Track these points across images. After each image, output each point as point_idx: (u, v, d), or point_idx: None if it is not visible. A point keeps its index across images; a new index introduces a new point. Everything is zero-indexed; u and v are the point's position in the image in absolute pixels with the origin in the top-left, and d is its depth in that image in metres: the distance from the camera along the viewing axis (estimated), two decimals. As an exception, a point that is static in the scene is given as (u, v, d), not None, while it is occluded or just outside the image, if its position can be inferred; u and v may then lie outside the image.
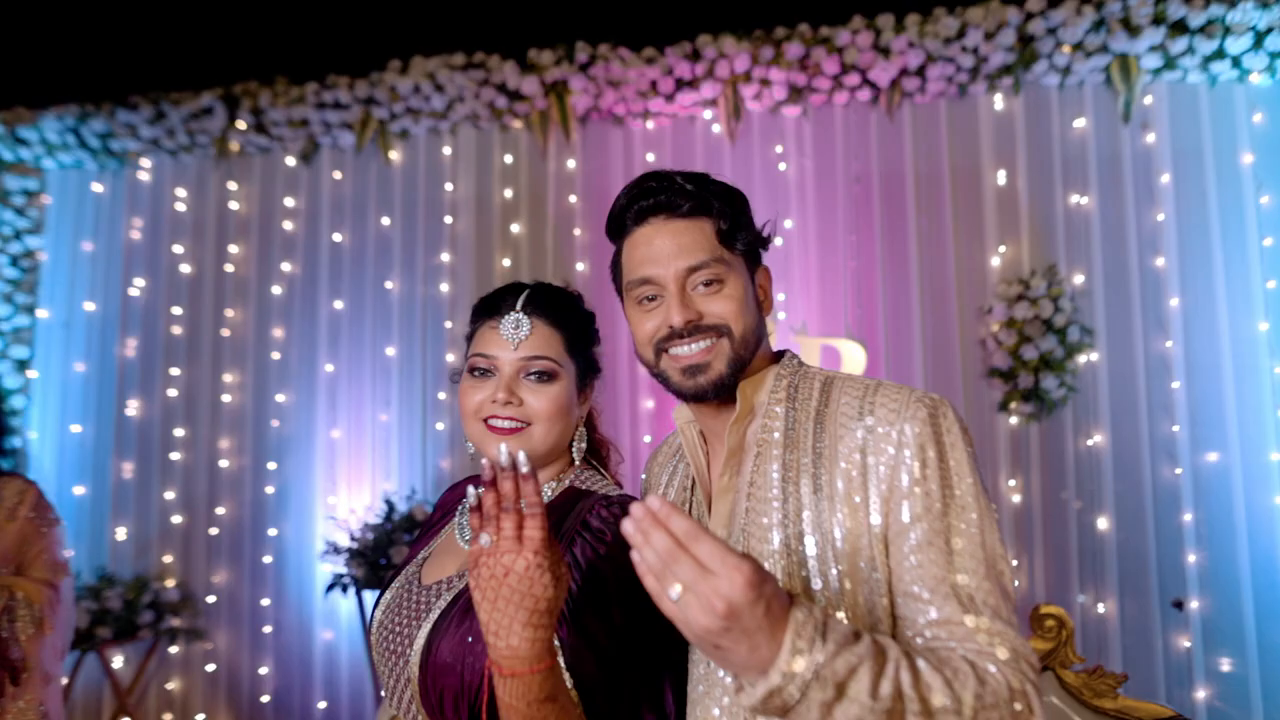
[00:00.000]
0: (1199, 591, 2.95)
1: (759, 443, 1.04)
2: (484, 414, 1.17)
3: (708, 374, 1.04)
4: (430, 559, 1.23)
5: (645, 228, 1.08)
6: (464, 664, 1.04)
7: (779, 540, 0.97)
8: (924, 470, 0.92)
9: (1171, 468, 3.02)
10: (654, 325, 1.07)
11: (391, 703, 1.15)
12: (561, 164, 3.65)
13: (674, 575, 0.77)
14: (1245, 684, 2.88)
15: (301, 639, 3.70)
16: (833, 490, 0.96)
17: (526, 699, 0.91)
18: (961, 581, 0.90)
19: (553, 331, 1.19)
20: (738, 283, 1.06)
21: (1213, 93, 3.15)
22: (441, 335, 3.68)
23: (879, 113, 3.38)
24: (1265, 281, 3.02)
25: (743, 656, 0.79)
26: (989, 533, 0.93)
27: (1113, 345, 3.11)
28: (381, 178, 3.81)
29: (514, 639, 0.90)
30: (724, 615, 0.76)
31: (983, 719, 0.83)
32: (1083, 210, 3.21)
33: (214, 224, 3.97)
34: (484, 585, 0.90)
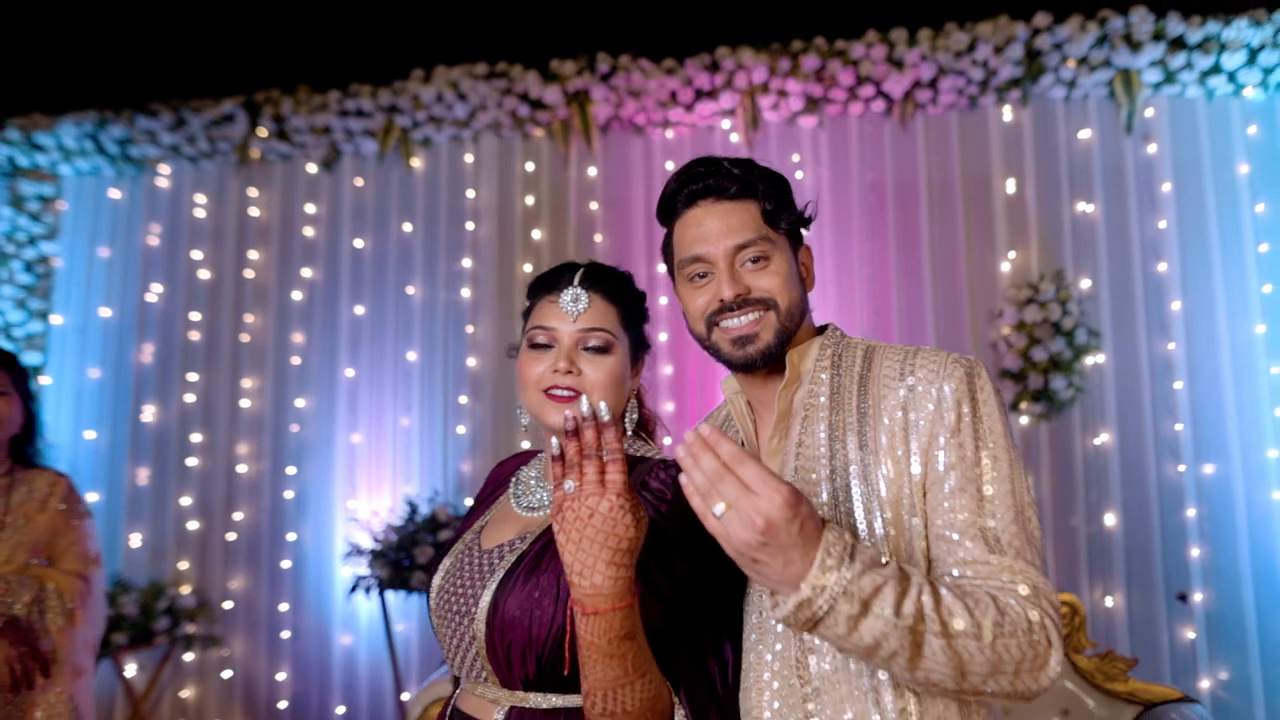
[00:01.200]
0: (1202, 584, 3.22)
1: (806, 406, 1.17)
2: (544, 384, 1.27)
3: (756, 344, 1.16)
4: (487, 527, 1.35)
5: (695, 210, 1.21)
6: (532, 617, 1.14)
7: (827, 493, 1.10)
8: (959, 424, 1.05)
9: (1175, 465, 3.29)
10: (705, 300, 1.19)
11: (454, 664, 1.26)
12: (583, 171, 3.89)
13: (719, 494, 0.90)
14: (1246, 674, 3.14)
15: (320, 644, 3.88)
16: (877, 445, 1.08)
17: (608, 636, 1.01)
18: (989, 525, 1.02)
19: (608, 306, 1.30)
20: (783, 259, 1.19)
21: (1210, 106, 3.45)
22: (463, 340, 3.90)
23: (892, 123, 3.65)
24: (1261, 286, 3.31)
25: (778, 571, 0.92)
26: (1018, 482, 1.05)
27: (1118, 347, 3.38)
28: (403, 184, 4.05)
29: (598, 577, 0.99)
30: (762, 530, 0.88)
31: (1001, 645, 0.93)
32: (1088, 218, 3.49)
33: (234, 230, 4.19)
34: (569, 528, 1.00)
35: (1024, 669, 0.94)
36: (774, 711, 1.04)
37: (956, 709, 1.02)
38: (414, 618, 3.76)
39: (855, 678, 1.01)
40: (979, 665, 0.93)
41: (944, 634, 0.92)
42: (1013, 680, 0.95)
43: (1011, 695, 0.96)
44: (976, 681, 0.94)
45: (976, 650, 0.92)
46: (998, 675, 0.94)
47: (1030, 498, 1.05)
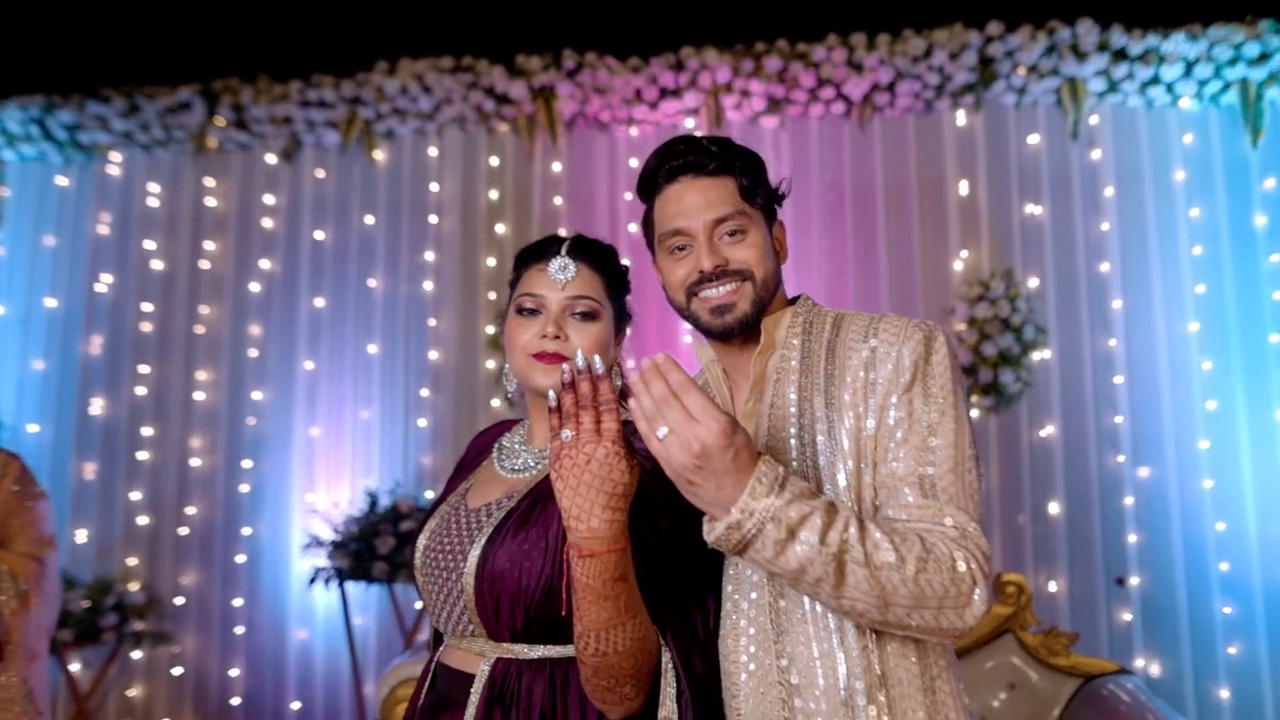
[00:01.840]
0: (1139, 569, 3.45)
1: (778, 370, 1.26)
2: (531, 349, 1.34)
3: (734, 313, 1.25)
4: (472, 490, 1.42)
5: (676, 185, 1.28)
6: (521, 569, 1.22)
7: (795, 448, 1.19)
8: (912, 383, 1.14)
9: (1114, 456, 3.53)
10: (685, 271, 1.27)
11: (440, 620, 1.33)
12: (547, 167, 4.01)
13: (664, 419, 1.00)
14: (1177, 653, 3.38)
15: (275, 639, 3.92)
16: (841, 403, 1.17)
17: (603, 577, 1.08)
18: (928, 473, 1.10)
19: (594, 275, 1.39)
20: (758, 233, 1.28)
21: (1150, 115, 3.70)
22: (425, 333, 3.98)
23: (851, 125, 3.84)
24: (1195, 286, 3.57)
25: (710, 494, 1.01)
26: (961, 437, 1.13)
27: (1063, 343, 3.61)
28: (366, 177, 4.11)
29: (594, 520, 1.06)
30: (698, 455, 0.98)
31: (924, 580, 1.01)
32: (1036, 219, 3.71)
33: (189, 220, 4.20)
34: (566, 475, 1.07)
35: (947, 605, 1.03)
36: (750, 655, 1.15)
37: (914, 645, 1.12)
38: (372, 610, 3.82)
39: (821, 619, 1.12)
40: (902, 597, 1.01)
41: (867, 564, 1.00)
42: (936, 615, 1.03)
43: (936, 631, 1.04)
44: (900, 614, 1.02)
45: (900, 582, 1.00)
46: (921, 609, 1.02)
47: (973, 452, 1.14)
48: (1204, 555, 3.43)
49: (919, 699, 1.10)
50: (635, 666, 1.11)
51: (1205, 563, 3.42)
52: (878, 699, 1.08)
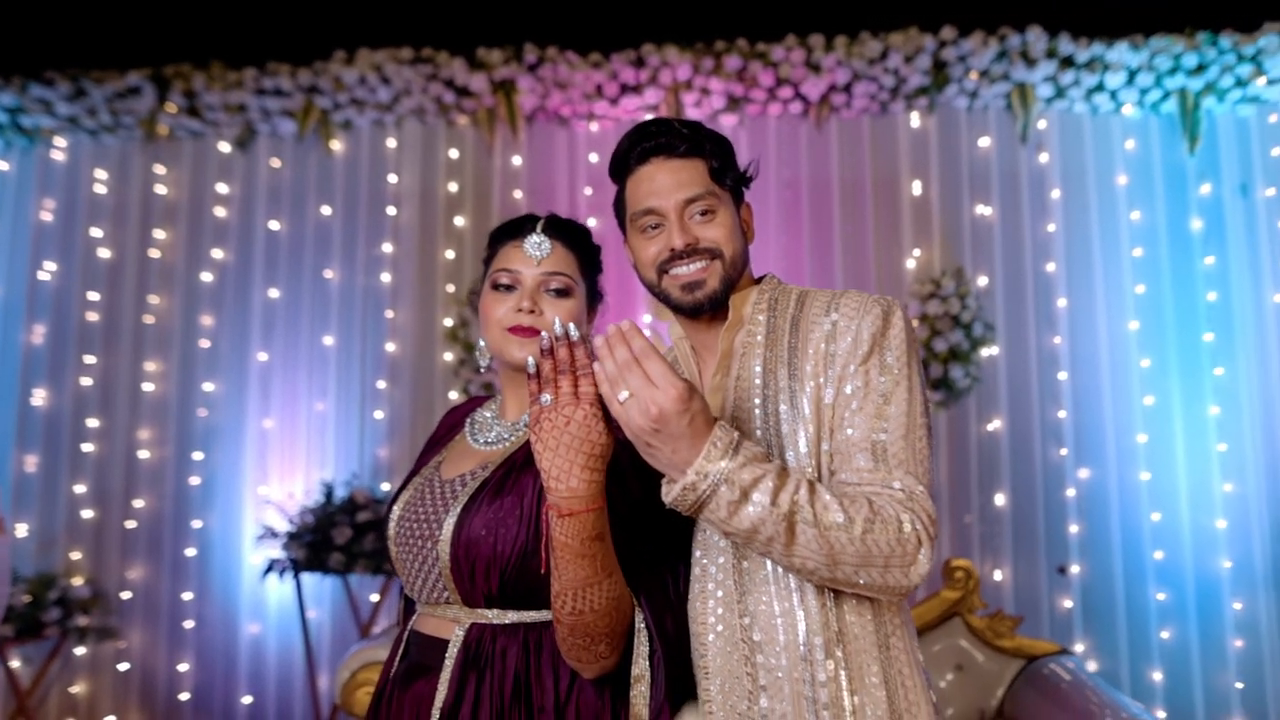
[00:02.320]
0: (1079, 558, 3.63)
1: (744, 345, 1.32)
2: (507, 323, 1.40)
3: (704, 289, 1.31)
4: (446, 461, 1.48)
5: (648, 166, 1.34)
6: (496, 535, 1.28)
7: (759, 418, 1.26)
8: (870, 355, 1.22)
9: (1058, 449, 3.70)
10: (656, 250, 1.33)
11: (414, 588, 1.39)
12: (507, 160, 4.06)
13: (625, 383, 1.06)
14: (1114, 638, 3.57)
15: (226, 633, 3.92)
16: (803, 374, 1.25)
17: (581, 536, 1.13)
18: (880, 439, 1.17)
19: (569, 253, 1.45)
20: (727, 213, 1.34)
21: (1094, 121, 3.89)
22: (382, 325, 4.01)
23: (809, 125, 3.96)
24: (1135, 286, 3.76)
25: (667, 456, 1.09)
26: (914, 406, 1.20)
27: (1010, 340, 3.77)
28: (322, 167, 4.12)
29: (573, 480, 1.12)
30: (655, 419, 1.05)
31: (870, 540, 1.08)
32: (986, 220, 3.87)
33: (138, 208, 4.17)
34: (546, 437, 1.12)
35: (894, 563, 1.10)
36: (718, 616, 1.23)
37: (869, 604, 1.20)
38: (327, 603, 3.84)
39: (783, 579, 1.20)
40: (849, 556, 1.08)
41: (816, 524, 1.07)
42: (883, 573, 1.10)
43: (884, 589, 1.12)
44: (848, 571, 1.09)
45: (847, 541, 1.07)
46: (868, 567, 1.09)
47: (924, 421, 1.21)
48: (1140, 544, 3.62)
49: (874, 654, 1.18)
50: (610, 625, 1.19)
51: (1141, 552, 3.61)
52: (835, 654, 1.17)
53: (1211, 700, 3.52)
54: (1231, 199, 3.77)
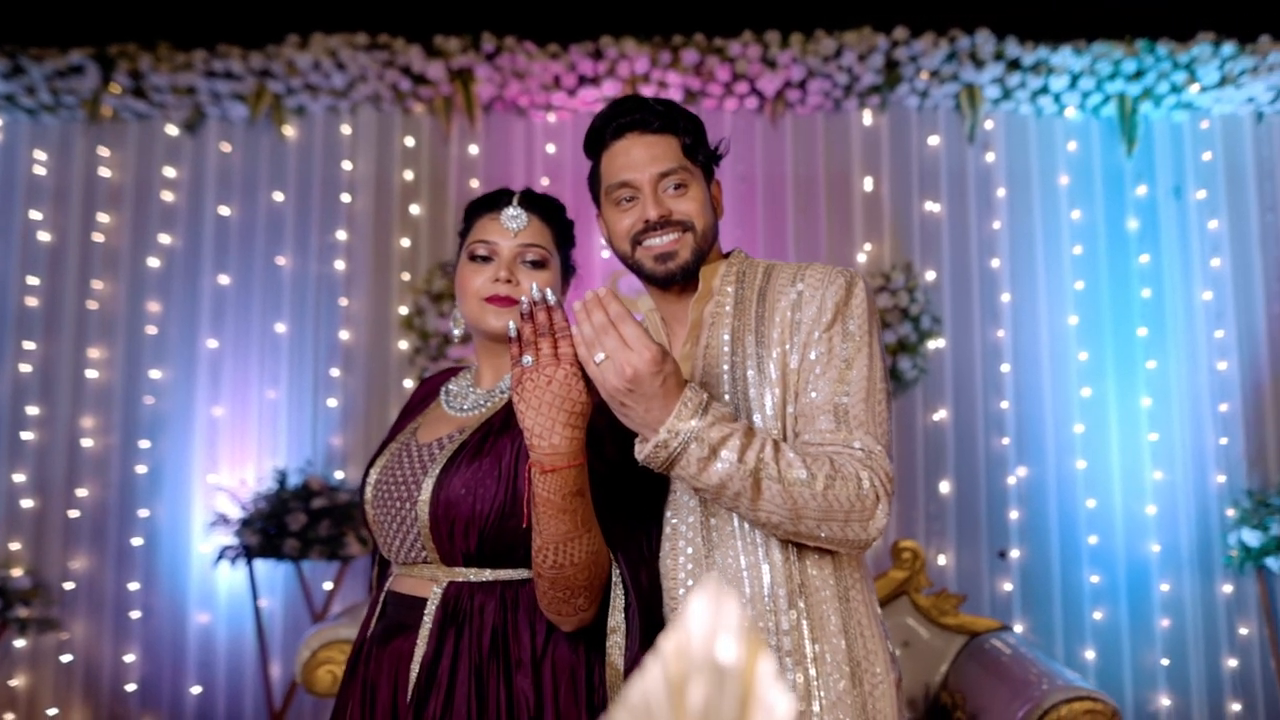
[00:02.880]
0: (1019, 543, 3.83)
1: (713, 315, 1.41)
2: (484, 293, 1.46)
3: (676, 260, 1.39)
4: (421, 428, 1.54)
5: (623, 141, 1.41)
6: (476, 495, 1.34)
7: (728, 383, 1.34)
8: (833, 322, 1.30)
9: (1000, 438, 3.89)
10: (630, 221, 1.40)
11: (392, 549, 1.45)
12: (464, 149, 4.11)
13: (601, 345, 1.14)
14: (1050, 619, 3.78)
15: (174, 623, 3.92)
16: (770, 340, 1.33)
17: (562, 492, 1.20)
18: (842, 402, 1.26)
19: (544, 226, 1.51)
20: (699, 188, 1.41)
21: (1038, 123, 4.08)
22: (336, 313, 4.04)
23: (764, 120, 4.09)
24: (1074, 283, 3.97)
25: (640, 416, 1.17)
26: (875, 372, 1.29)
27: (956, 333, 3.96)
28: (275, 152, 4.13)
29: (556, 438, 1.18)
30: (630, 379, 1.13)
31: (832, 495, 1.17)
32: (935, 216, 4.05)
33: (80, 191, 4.13)
34: (528, 396, 1.19)
35: (853, 518, 1.20)
36: (688, 572, 1.34)
37: (830, 558, 1.31)
38: (279, 591, 3.86)
39: (749, 534, 1.30)
40: (812, 510, 1.17)
41: (780, 480, 1.15)
42: (843, 527, 1.19)
43: (844, 542, 1.21)
44: (811, 525, 1.18)
45: (810, 497, 1.16)
46: (829, 521, 1.19)
47: (884, 386, 1.31)
48: (1076, 530, 3.83)
49: (834, 605, 1.30)
50: (589, 578, 1.28)
51: (1077, 536, 3.83)
52: (797, 604, 1.28)
53: (1139, 677, 3.76)
54: (1165, 200, 4.00)
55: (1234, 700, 3.72)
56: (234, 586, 3.88)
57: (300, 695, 3.76)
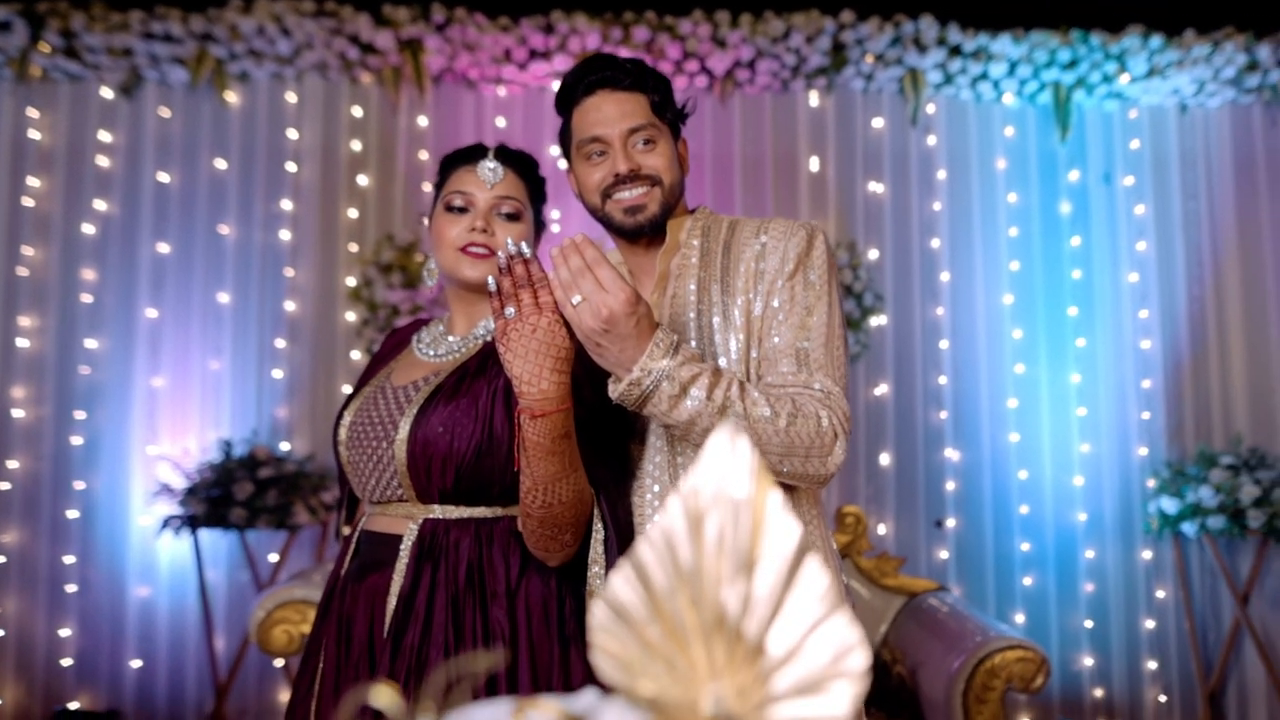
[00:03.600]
0: (955, 513, 4.04)
1: (680, 267, 1.51)
2: (460, 243, 1.54)
3: (644, 213, 1.48)
4: (395, 373, 1.61)
5: (594, 98, 1.49)
6: (454, 433, 1.42)
7: (694, 330, 1.45)
8: (795, 272, 1.41)
9: (938, 412, 4.10)
10: (601, 175, 1.48)
11: (367, 489, 1.52)
12: (413, 120, 4.15)
13: (577, 288, 1.23)
14: (983, 586, 4.00)
15: (113, 596, 3.90)
16: (734, 289, 1.44)
17: (552, 435, 1.28)
18: (803, 346, 1.38)
19: (519, 180, 1.59)
20: (667, 145, 1.50)
21: (978, 108, 4.28)
22: (281, 283, 4.04)
23: (713, 99, 4.20)
24: (1010, 263, 4.18)
25: (615, 355, 1.26)
26: (834, 319, 1.41)
27: (897, 310, 4.14)
28: (217, 119, 4.10)
29: (544, 383, 1.26)
30: (605, 320, 1.21)
31: (793, 432, 1.27)
32: (878, 197, 4.22)
33: (8, 153, 4.05)
34: (514, 345, 1.26)
35: (813, 454, 1.30)
36: (655, 509, 1.45)
37: (789, 494, 1.42)
38: (223, 563, 3.87)
39: None
40: (775, 446, 1.27)
41: (746, 417, 1.25)
42: (804, 462, 1.30)
43: (805, 476, 1.32)
44: (774, 460, 1.28)
45: (773, 433, 1.26)
46: (791, 456, 1.29)
47: (841, 332, 1.45)
48: (1008, 500, 4.06)
49: None
50: (575, 516, 1.39)
51: (1009, 506, 4.06)
52: None
53: (1065, 638, 4.01)
54: (1096, 186, 4.24)
55: (1150, 659, 4.00)
56: (176, 558, 3.87)
57: (246, 668, 3.79)
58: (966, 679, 2.51)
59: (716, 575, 0.57)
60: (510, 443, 1.43)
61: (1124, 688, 4.00)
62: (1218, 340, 4.17)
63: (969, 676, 2.52)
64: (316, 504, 3.68)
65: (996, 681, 2.50)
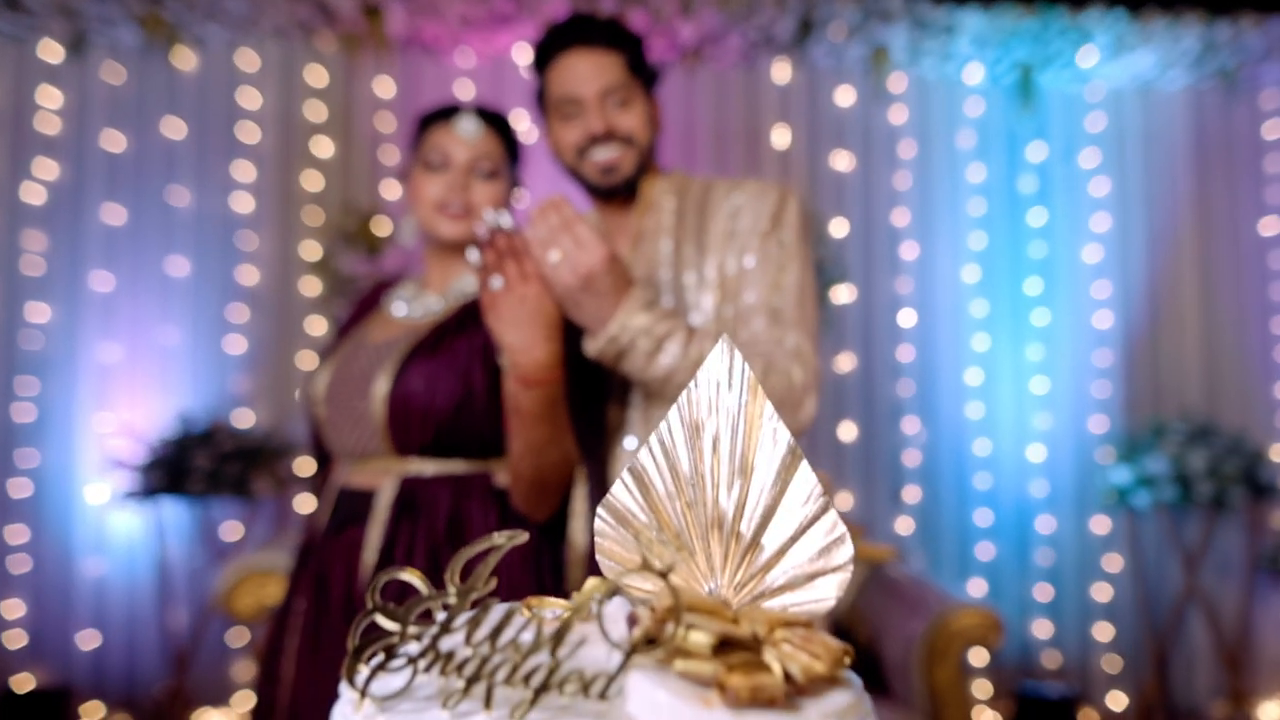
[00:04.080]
0: (916, 484, 4.15)
1: (655, 225, 1.55)
2: (437, 202, 1.57)
3: (619, 173, 1.52)
4: (370, 332, 1.63)
5: (569, 56, 1.52)
6: (434, 388, 1.46)
7: (669, 288, 1.49)
8: (767, 233, 1.48)
9: (901, 386, 4.19)
10: (576, 135, 1.52)
11: (345, 444, 1.55)
12: (374, 88, 4.12)
13: (556, 245, 1.27)
14: (940, 554, 4.11)
15: (64, 571, 3.86)
16: (708, 248, 1.50)
17: (545, 402, 1.33)
18: (776, 304, 1.43)
19: (496, 139, 1.62)
20: (641, 105, 1.54)
21: (944, 84, 4.35)
22: (240, 253, 4.00)
23: (681, 71, 4.23)
24: (973, 238, 4.28)
25: (592, 311, 1.29)
26: (805, 278, 1.47)
27: (862, 284, 4.22)
28: (171, 83, 4.04)
29: (538, 352, 1.30)
30: (584, 277, 1.26)
31: (766, 386, 1.31)
32: (844, 172, 4.29)
33: (-56, 114, 3.94)
34: (505, 315, 1.29)
35: (785, 407, 1.35)
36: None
37: None
38: (182, 537, 3.84)
39: None
40: None
41: None
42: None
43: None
44: None
45: None
46: None
47: (813, 291, 1.51)
48: (967, 472, 4.18)
49: None
50: (562, 476, 1.43)
51: (968, 478, 4.17)
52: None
53: (1021, 606, 4.14)
54: (1057, 163, 4.34)
55: (1101, 626, 4.14)
56: (131, 532, 3.84)
57: (208, 643, 3.76)
58: (927, 641, 2.60)
59: (714, 480, 0.61)
60: (489, 399, 1.47)
61: (1077, 653, 4.14)
62: (1173, 316, 4.31)
63: (930, 639, 2.61)
64: (280, 474, 3.67)
65: (955, 642, 2.59)
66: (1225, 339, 4.30)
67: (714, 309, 1.49)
